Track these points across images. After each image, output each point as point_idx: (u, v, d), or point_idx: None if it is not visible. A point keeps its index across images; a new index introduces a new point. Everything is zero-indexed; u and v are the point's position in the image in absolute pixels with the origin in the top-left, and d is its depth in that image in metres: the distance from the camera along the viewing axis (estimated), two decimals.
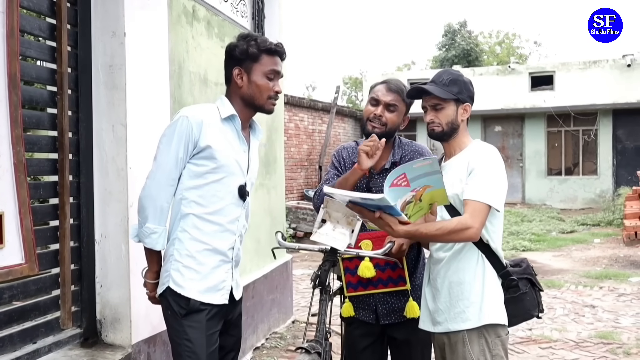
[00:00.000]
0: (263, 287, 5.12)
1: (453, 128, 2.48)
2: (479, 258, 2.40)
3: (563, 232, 13.30)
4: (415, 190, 2.18)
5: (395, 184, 2.14)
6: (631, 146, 18.82)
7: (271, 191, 5.47)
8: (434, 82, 2.50)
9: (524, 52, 36.89)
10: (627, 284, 7.83)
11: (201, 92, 3.95)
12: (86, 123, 2.95)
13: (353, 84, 38.14)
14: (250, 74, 2.44)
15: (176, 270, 2.38)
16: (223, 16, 4.46)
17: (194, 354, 2.33)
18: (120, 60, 2.95)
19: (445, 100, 2.46)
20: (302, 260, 9.87)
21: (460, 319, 2.39)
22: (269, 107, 2.50)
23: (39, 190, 2.74)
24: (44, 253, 2.73)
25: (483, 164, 2.36)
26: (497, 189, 2.33)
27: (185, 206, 2.39)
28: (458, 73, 2.55)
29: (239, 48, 2.45)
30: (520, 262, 2.61)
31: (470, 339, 2.36)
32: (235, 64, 2.46)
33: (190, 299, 2.36)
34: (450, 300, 2.42)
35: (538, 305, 2.58)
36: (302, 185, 15.83)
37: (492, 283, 2.40)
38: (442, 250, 2.47)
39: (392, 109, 2.78)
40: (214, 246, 2.40)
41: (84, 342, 2.95)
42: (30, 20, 2.68)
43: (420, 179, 2.16)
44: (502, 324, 2.41)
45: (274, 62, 2.47)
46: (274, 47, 2.47)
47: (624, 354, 4.94)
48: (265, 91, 2.46)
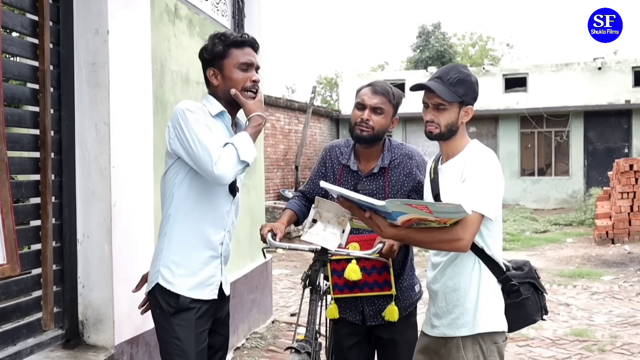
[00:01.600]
0: (243, 287, 5.10)
1: (452, 131, 2.35)
2: (475, 264, 2.32)
3: (536, 231, 13.51)
4: (439, 218, 2.10)
5: (415, 207, 2.06)
6: (602, 147, 19.21)
7: (251, 191, 5.45)
8: (441, 79, 2.34)
9: (496, 55, 37.34)
10: (600, 282, 7.98)
11: (183, 91, 3.92)
12: (68, 121, 2.91)
13: (328, 84, 38.20)
14: (222, 71, 2.44)
15: (165, 267, 2.37)
16: (204, 15, 4.44)
17: (183, 352, 2.32)
18: (103, 58, 2.91)
19: (449, 102, 2.32)
20: (279, 260, 9.85)
21: (455, 325, 2.33)
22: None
23: (21, 189, 2.69)
24: (25, 253, 2.68)
25: (477, 170, 2.26)
26: (490, 197, 2.22)
27: (176, 201, 2.38)
28: (466, 72, 2.37)
29: (207, 49, 2.46)
30: (523, 265, 2.52)
31: (465, 345, 2.31)
32: (208, 65, 2.47)
33: (179, 296, 2.35)
34: (446, 305, 2.37)
35: (541, 309, 2.50)
36: (279, 185, 15.82)
37: (489, 289, 2.32)
38: (439, 255, 2.41)
39: (379, 111, 2.76)
40: (203, 241, 2.41)
41: (66, 344, 2.90)
42: (11, 17, 2.63)
43: (445, 214, 2.08)
44: (499, 331, 2.34)
45: (243, 53, 2.44)
46: (239, 39, 2.45)
47: (599, 351, 5.03)
48: (240, 83, 2.43)
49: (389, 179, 2.82)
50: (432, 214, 2.06)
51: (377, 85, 2.80)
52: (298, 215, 2.91)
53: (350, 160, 2.89)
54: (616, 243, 11.00)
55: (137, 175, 3.17)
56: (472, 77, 2.38)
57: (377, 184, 2.83)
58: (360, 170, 2.87)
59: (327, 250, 2.57)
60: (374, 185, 2.83)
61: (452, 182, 2.34)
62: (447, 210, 2.06)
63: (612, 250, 10.50)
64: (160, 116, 3.54)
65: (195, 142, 2.25)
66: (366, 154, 2.87)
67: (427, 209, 2.04)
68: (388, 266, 2.73)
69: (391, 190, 2.80)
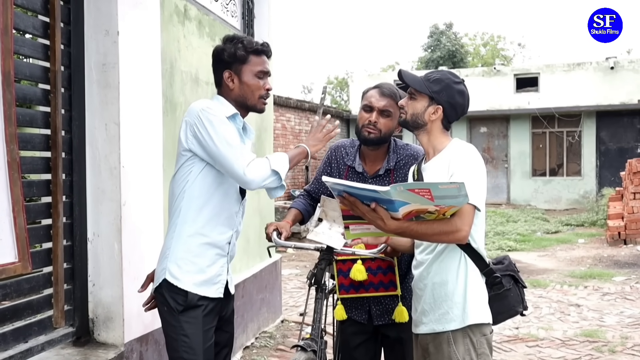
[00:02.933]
0: (252, 286, 5.13)
1: (417, 123, 2.42)
2: (462, 258, 2.36)
3: (548, 232, 13.43)
4: (440, 206, 2.12)
5: (417, 192, 2.08)
6: (614, 147, 19.05)
7: (260, 191, 5.45)
8: (424, 75, 2.46)
9: (508, 54, 37.19)
10: (611, 283, 7.93)
11: (192, 91, 3.95)
12: (79, 121, 2.94)
13: (338, 85, 38.17)
14: (240, 76, 2.49)
15: (173, 263, 2.41)
16: (214, 16, 4.47)
17: (190, 349, 2.35)
18: (113, 59, 2.94)
19: (418, 92, 2.41)
20: (289, 260, 9.88)
21: (444, 319, 2.36)
22: (260, 107, 2.56)
23: (32, 188, 2.72)
24: (36, 251, 2.72)
25: (463, 165, 2.31)
26: (479, 190, 2.29)
27: (187, 199, 2.42)
28: (451, 77, 2.44)
29: (227, 51, 2.49)
30: (503, 259, 2.60)
31: (455, 339, 2.34)
32: (225, 67, 2.51)
33: (187, 292, 2.38)
34: (434, 301, 2.40)
35: (522, 301, 2.56)
36: (289, 185, 15.84)
37: (475, 282, 2.37)
38: (424, 253, 2.45)
39: (387, 114, 2.77)
40: (212, 240, 2.44)
41: (77, 341, 2.94)
42: (23, 18, 2.66)
43: (446, 199, 2.09)
44: (486, 322, 2.39)
45: (261, 61, 2.52)
46: (260, 47, 2.52)
47: (609, 352, 5.01)
48: (257, 90, 2.51)
49: (395, 180, 2.83)
50: (433, 201, 2.07)
51: (384, 87, 2.81)
52: (303, 214, 2.93)
53: (355, 162, 2.89)
54: (628, 244, 10.91)
55: (146, 174, 3.20)
56: (456, 85, 2.42)
57: (383, 185, 2.82)
58: (365, 172, 2.87)
59: (333, 249, 2.59)
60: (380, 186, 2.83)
61: (436, 179, 2.37)
62: (449, 193, 2.07)
63: (624, 251, 10.43)
64: (170, 116, 3.57)
65: (223, 143, 2.32)
66: (372, 155, 2.88)
67: (429, 194, 2.05)
68: (393, 266, 2.74)
69: None
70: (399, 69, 2.49)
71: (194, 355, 2.37)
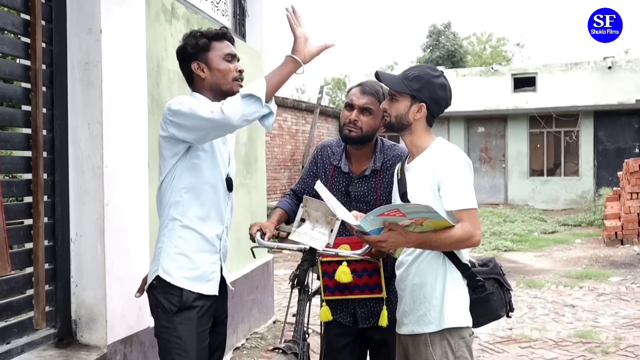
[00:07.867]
0: (243, 287, 5.09)
1: (402, 124, 2.39)
2: (442, 260, 2.34)
3: (545, 232, 13.41)
4: (414, 219, 2.13)
5: (387, 214, 2.10)
6: (612, 147, 19.02)
7: (252, 191, 5.44)
8: (402, 74, 2.42)
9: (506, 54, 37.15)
10: (607, 283, 7.90)
11: (180, 90, 3.89)
12: (61, 120, 2.91)
13: (336, 85, 38.12)
14: (208, 63, 2.49)
15: (166, 258, 2.39)
16: (203, 14, 4.43)
17: (184, 351, 2.33)
18: (96, 58, 2.91)
19: (399, 92, 2.37)
20: (285, 260, 9.84)
21: (422, 322, 2.36)
22: (236, 89, 2.50)
23: (12, 188, 2.69)
24: (17, 252, 2.69)
25: (453, 170, 2.30)
26: (470, 192, 2.31)
27: (177, 195, 2.41)
28: (430, 72, 2.40)
29: (188, 44, 2.51)
30: (488, 261, 2.57)
31: (433, 341, 2.33)
32: (192, 60, 2.50)
33: (182, 290, 2.36)
34: (413, 302, 2.39)
35: (506, 305, 2.55)
36: (286, 185, 15.80)
37: (454, 285, 2.35)
38: (405, 254, 2.43)
39: (368, 112, 2.72)
40: (203, 234, 2.44)
41: (59, 343, 2.90)
42: (3, 16, 2.63)
43: (418, 213, 2.11)
44: (464, 326, 2.36)
45: (225, 45, 2.53)
46: (220, 32, 2.54)
47: (602, 353, 4.98)
48: (229, 73, 2.50)
49: (381, 180, 2.79)
50: (405, 217, 2.09)
51: (367, 85, 2.76)
52: (289, 214, 2.89)
53: (341, 162, 2.85)
54: (625, 244, 10.88)
55: (130, 174, 3.16)
56: (436, 79, 2.39)
57: (369, 185, 2.80)
58: (351, 172, 2.83)
59: (315, 250, 2.55)
60: (366, 187, 2.80)
61: (420, 180, 2.37)
62: (418, 210, 2.10)
63: (621, 251, 10.40)
64: (156, 115, 3.53)
65: (190, 104, 2.30)
66: (357, 155, 2.84)
67: (400, 213, 2.07)
68: (378, 268, 2.70)
69: (383, 192, 2.77)
70: (376, 71, 2.46)
71: (187, 358, 2.34)
